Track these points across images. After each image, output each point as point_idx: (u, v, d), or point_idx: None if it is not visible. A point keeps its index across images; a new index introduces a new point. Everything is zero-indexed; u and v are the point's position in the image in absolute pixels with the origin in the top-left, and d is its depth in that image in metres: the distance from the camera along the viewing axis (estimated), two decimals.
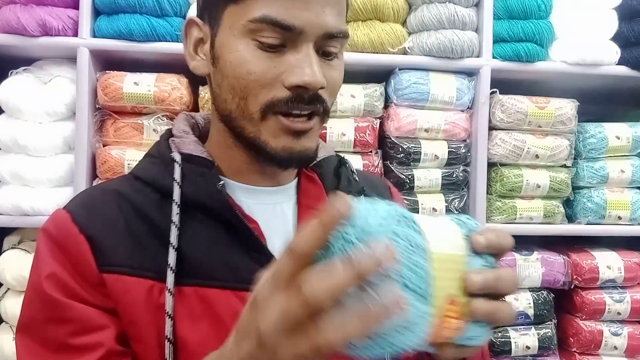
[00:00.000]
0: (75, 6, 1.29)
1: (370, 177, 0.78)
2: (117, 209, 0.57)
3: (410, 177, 1.39)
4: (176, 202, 0.56)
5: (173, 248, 0.54)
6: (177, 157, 0.59)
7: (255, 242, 0.57)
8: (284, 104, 0.53)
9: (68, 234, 0.55)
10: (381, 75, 1.42)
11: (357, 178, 0.69)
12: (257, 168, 0.61)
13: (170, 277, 0.53)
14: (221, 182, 0.58)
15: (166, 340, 0.52)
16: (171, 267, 0.54)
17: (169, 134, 0.64)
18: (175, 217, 0.55)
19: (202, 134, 0.67)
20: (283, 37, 0.53)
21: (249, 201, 0.61)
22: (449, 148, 1.41)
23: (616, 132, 1.48)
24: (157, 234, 0.56)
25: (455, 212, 1.41)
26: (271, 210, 0.62)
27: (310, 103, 0.54)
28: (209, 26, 0.58)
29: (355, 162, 1.36)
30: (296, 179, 0.66)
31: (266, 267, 0.39)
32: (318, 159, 0.67)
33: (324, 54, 0.55)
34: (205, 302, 0.54)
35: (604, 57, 1.43)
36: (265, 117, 0.54)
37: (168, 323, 0.52)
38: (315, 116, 0.56)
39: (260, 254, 0.56)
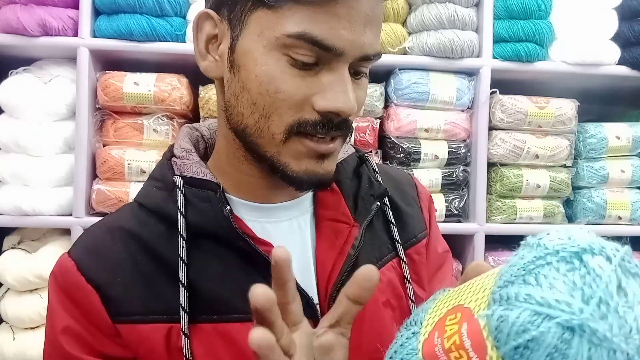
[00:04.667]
0: (75, 6, 1.29)
1: (393, 173, 0.71)
2: (123, 249, 0.53)
3: None
4: (182, 235, 0.52)
5: (183, 286, 0.50)
6: (179, 181, 0.54)
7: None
8: (312, 127, 0.49)
9: (76, 286, 0.52)
10: (381, 75, 1.42)
11: (379, 178, 0.63)
12: (268, 183, 0.56)
13: (183, 319, 0.50)
14: (227, 207, 0.53)
15: None
16: (183, 307, 0.50)
17: (171, 152, 0.59)
18: (182, 252, 0.51)
19: (208, 146, 0.64)
20: (318, 56, 0.48)
21: (262, 220, 0.56)
22: (449, 148, 1.41)
23: (616, 132, 1.48)
24: (168, 270, 0.52)
25: (455, 212, 1.41)
26: (287, 227, 0.57)
27: (338, 128, 0.50)
28: (228, 25, 0.51)
29: None
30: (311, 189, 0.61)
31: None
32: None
33: (354, 73, 0.52)
34: (226, 339, 0.51)
35: (604, 57, 1.43)
36: (288, 139, 0.50)
37: None
38: (339, 138, 0.52)
39: None
